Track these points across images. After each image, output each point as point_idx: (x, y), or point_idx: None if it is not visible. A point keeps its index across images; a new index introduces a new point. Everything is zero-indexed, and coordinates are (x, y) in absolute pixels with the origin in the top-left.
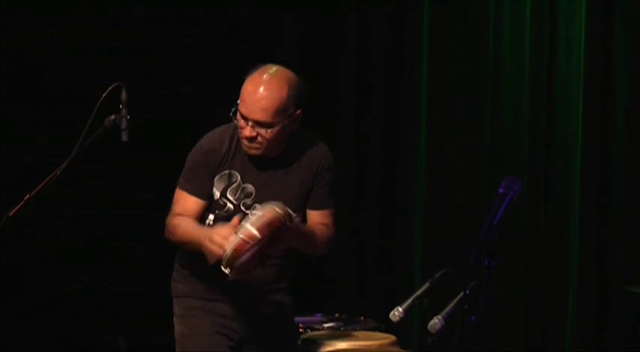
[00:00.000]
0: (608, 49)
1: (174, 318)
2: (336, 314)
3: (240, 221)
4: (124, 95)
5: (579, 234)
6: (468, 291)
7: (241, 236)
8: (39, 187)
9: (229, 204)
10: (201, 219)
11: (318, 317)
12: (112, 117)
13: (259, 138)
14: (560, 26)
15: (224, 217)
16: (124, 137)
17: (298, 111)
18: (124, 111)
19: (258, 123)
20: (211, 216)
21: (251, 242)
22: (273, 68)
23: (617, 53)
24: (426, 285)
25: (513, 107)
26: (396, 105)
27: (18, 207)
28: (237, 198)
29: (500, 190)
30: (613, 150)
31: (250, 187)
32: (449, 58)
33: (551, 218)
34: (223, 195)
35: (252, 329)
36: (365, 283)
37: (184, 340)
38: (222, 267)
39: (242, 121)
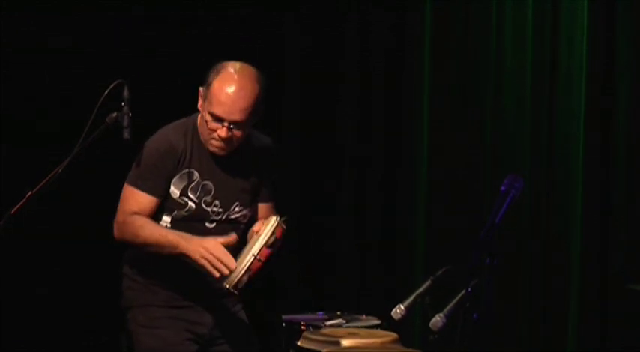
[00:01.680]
0: (610, 49)
1: (136, 329)
2: (338, 312)
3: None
4: (125, 93)
5: (581, 233)
6: (469, 289)
7: (257, 256)
8: (40, 185)
9: (190, 203)
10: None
11: (320, 314)
12: (114, 114)
13: (233, 138)
14: (562, 26)
15: (184, 217)
16: (126, 134)
17: (262, 110)
18: (125, 109)
19: (234, 124)
20: (167, 218)
21: (264, 260)
22: (237, 65)
23: (619, 53)
24: (428, 283)
25: (515, 107)
26: (397, 105)
27: (20, 204)
28: (198, 196)
29: (502, 188)
30: (614, 149)
31: (210, 184)
32: (450, 58)
33: (553, 217)
34: (184, 194)
35: (218, 330)
36: (366, 281)
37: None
38: (228, 287)
39: (213, 122)
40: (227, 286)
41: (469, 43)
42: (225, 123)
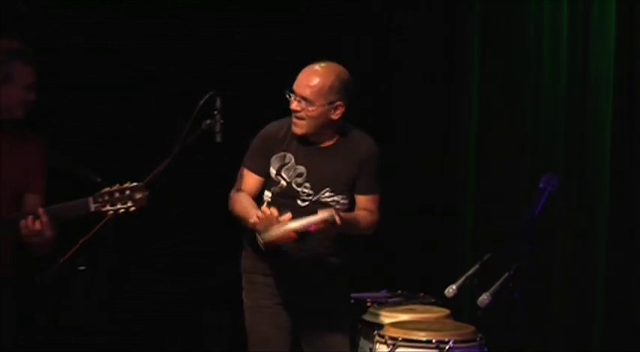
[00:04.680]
0: (636, 53)
1: (243, 293)
2: (399, 291)
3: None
4: (218, 103)
5: (607, 230)
6: (512, 272)
7: (288, 229)
8: (146, 181)
9: (282, 181)
10: (259, 195)
11: (384, 293)
12: (208, 121)
13: (302, 113)
14: (593, 31)
15: (279, 193)
16: (218, 139)
17: (340, 103)
18: (217, 117)
19: (303, 99)
20: (268, 193)
21: (293, 237)
22: (330, 63)
23: None
24: (476, 266)
25: (552, 109)
26: (446, 102)
27: None
28: (290, 176)
29: (541, 185)
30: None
31: (302, 168)
32: (497, 58)
33: (582, 215)
34: (278, 173)
35: (308, 302)
36: (424, 264)
37: (249, 311)
38: (261, 241)
39: (292, 97)
40: (260, 240)
41: (512, 44)
42: (297, 97)
